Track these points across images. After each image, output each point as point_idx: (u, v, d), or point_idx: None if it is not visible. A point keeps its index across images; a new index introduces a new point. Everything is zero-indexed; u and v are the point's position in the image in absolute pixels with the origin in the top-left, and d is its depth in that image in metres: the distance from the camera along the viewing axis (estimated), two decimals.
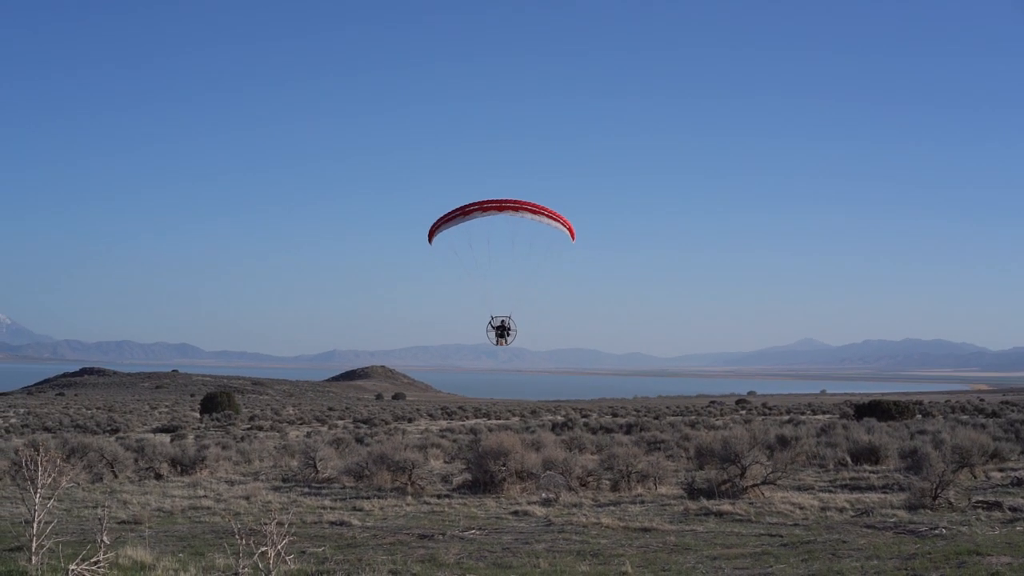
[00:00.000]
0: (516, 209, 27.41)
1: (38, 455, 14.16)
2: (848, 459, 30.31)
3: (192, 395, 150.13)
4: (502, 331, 27.38)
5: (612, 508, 21.21)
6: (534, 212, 27.50)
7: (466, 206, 27.64)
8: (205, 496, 24.43)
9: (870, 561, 13.99)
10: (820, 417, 67.59)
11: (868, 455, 30.26)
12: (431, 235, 28.47)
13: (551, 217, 27.81)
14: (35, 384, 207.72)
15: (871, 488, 24.36)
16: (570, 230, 28.14)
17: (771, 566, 13.91)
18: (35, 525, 14.02)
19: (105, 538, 13.55)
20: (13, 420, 74.24)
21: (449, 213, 27.96)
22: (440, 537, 17.39)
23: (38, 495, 14.06)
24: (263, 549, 11.99)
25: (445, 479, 27.36)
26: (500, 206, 27.34)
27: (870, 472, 27.89)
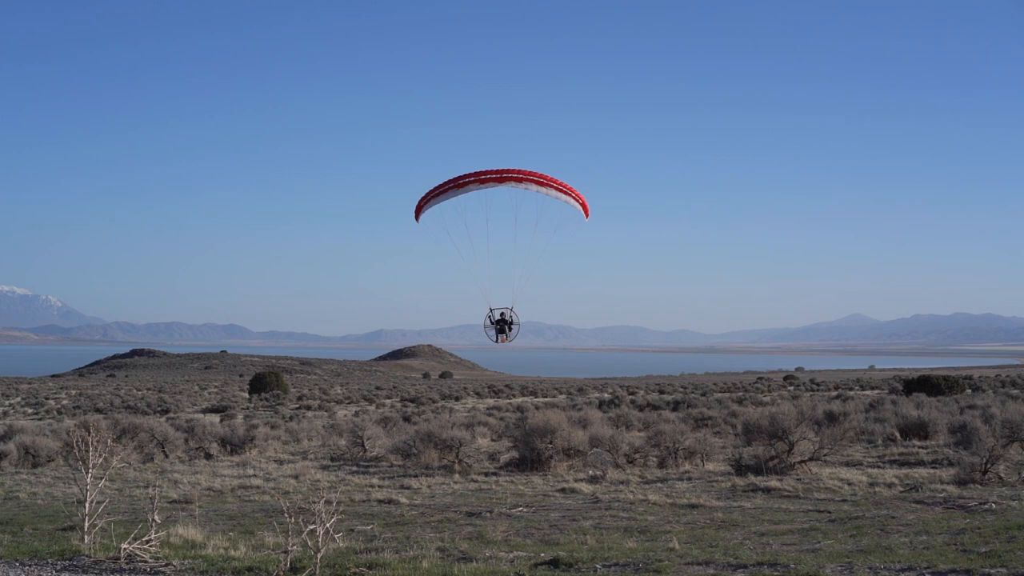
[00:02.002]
0: (520, 180, 24.12)
1: (90, 436, 14.31)
2: (897, 434, 30.13)
3: (241, 375, 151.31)
4: (502, 325, 24.78)
5: (659, 485, 21.18)
6: (541, 184, 24.27)
7: (460, 177, 24.41)
8: (254, 475, 24.59)
9: (919, 536, 13.92)
10: (868, 393, 67.25)
11: (917, 430, 30.08)
12: (418, 211, 25.33)
13: (561, 190, 24.62)
14: (86, 366, 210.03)
15: (920, 463, 24.21)
16: (584, 206, 25.15)
17: (819, 542, 13.86)
18: (87, 505, 14.17)
19: (156, 517, 13.68)
20: (65, 402, 74.86)
21: (441, 185, 24.78)
22: (488, 515, 17.44)
23: (90, 475, 14.21)
24: (312, 527, 12.06)
25: (492, 457, 27.39)
26: (500, 177, 24.10)
27: (919, 447, 27.72)
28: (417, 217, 25.37)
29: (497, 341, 25.00)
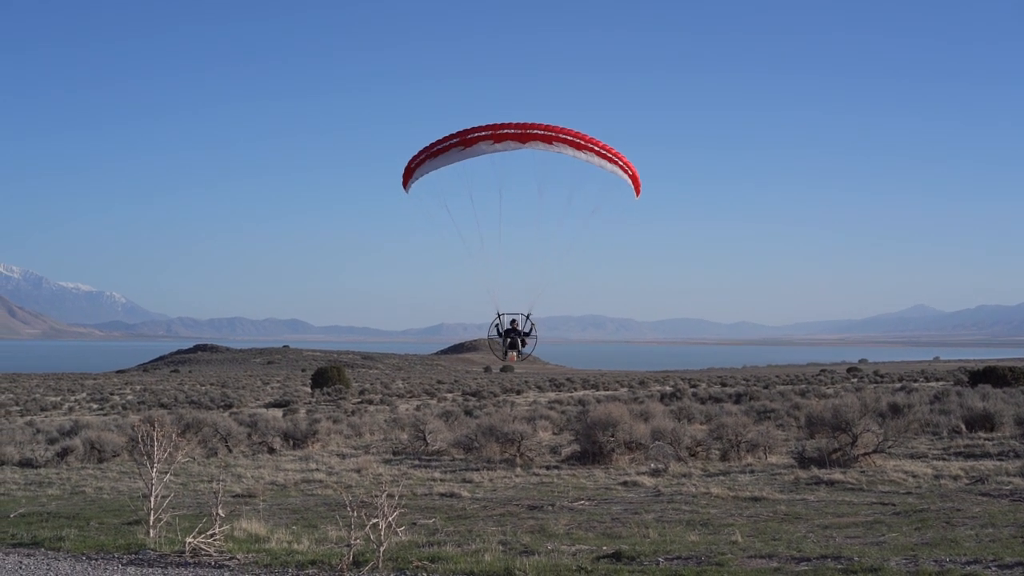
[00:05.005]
0: (549, 140, 17.68)
1: (154, 431, 14.44)
2: (962, 426, 29.76)
3: (303, 370, 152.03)
4: (513, 337, 19.04)
5: (722, 478, 21.08)
6: (577, 146, 17.83)
7: (468, 131, 17.90)
8: (317, 469, 24.71)
9: (985, 529, 13.78)
10: (933, 384, 66.59)
11: (983, 422, 29.70)
12: (408, 174, 18.88)
13: (605, 156, 18.16)
14: (150, 361, 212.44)
15: (986, 455, 23.90)
16: (634, 178, 18.77)
17: (884, 535, 13.74)
18: (153, 499, 14.30)
19: (220, 511, 13.77)
20: (130, 397, 75.71)
21: (440, 142, 18.24)
22: (549, 508, 17.43)
23: (155, 470, 14.34)
24: (375, 521, 12.09)
25: (554, 450, 27.33)
26: (523, 133, 17.60)
27: (985, 439, 27.36)
28: (406, 184, 19.06)
29: (505, 358, 19.52)
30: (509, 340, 19.17)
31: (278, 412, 47.37)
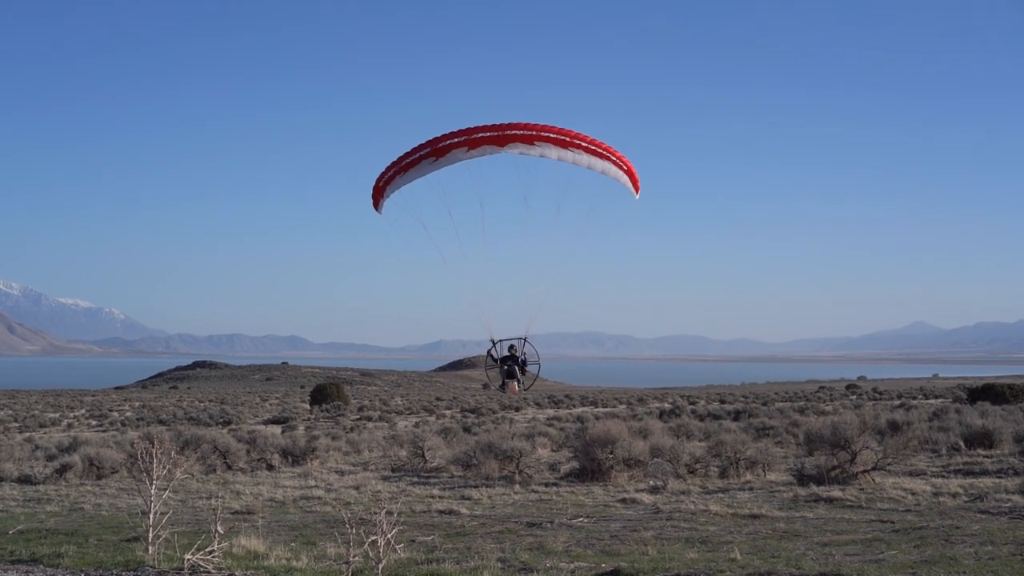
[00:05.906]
0: (530, 140, 15.82)
1: (153, 447, 14.44)
2: (961, 444, 29.70)
3: (302, 387, 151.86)
4: (511, 365, 17.75)
5: (720, 495, 21.06)
6: (563, 145, 15.99)
7: (439, 139, 16.26)
8: (316, 486, 24.68)
9: (984, 547, 13.76)
10: (932, 401, 66.52)
11: (982, 440, 29.65)
12: (378, 194, 17.42)
13: (595, 153, 16.34)
14: (149, 378, 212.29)
15: (985, 473, 23.88)
16: (631, 174, 17.06)
17: (883, 552, 13.72)
18: (151, 516, 14.28)
19: (219, 528, 13.77)
20: (129, 413, 75.70)
21: (409, 154, 16.61)
22: (548, 525, 17.40)
23: (154, 486, 14.32)
24: (373, 538, 12.08)
25: (552, 467, 27.29)
26: (501, 136, 15.80)
27: (984, 457, 27.32)
28: (377, 204, 17.60)
29: (504, 390, 18.11)
30: (507, 369, 17.99)
31: (277, 429, 47.35)
